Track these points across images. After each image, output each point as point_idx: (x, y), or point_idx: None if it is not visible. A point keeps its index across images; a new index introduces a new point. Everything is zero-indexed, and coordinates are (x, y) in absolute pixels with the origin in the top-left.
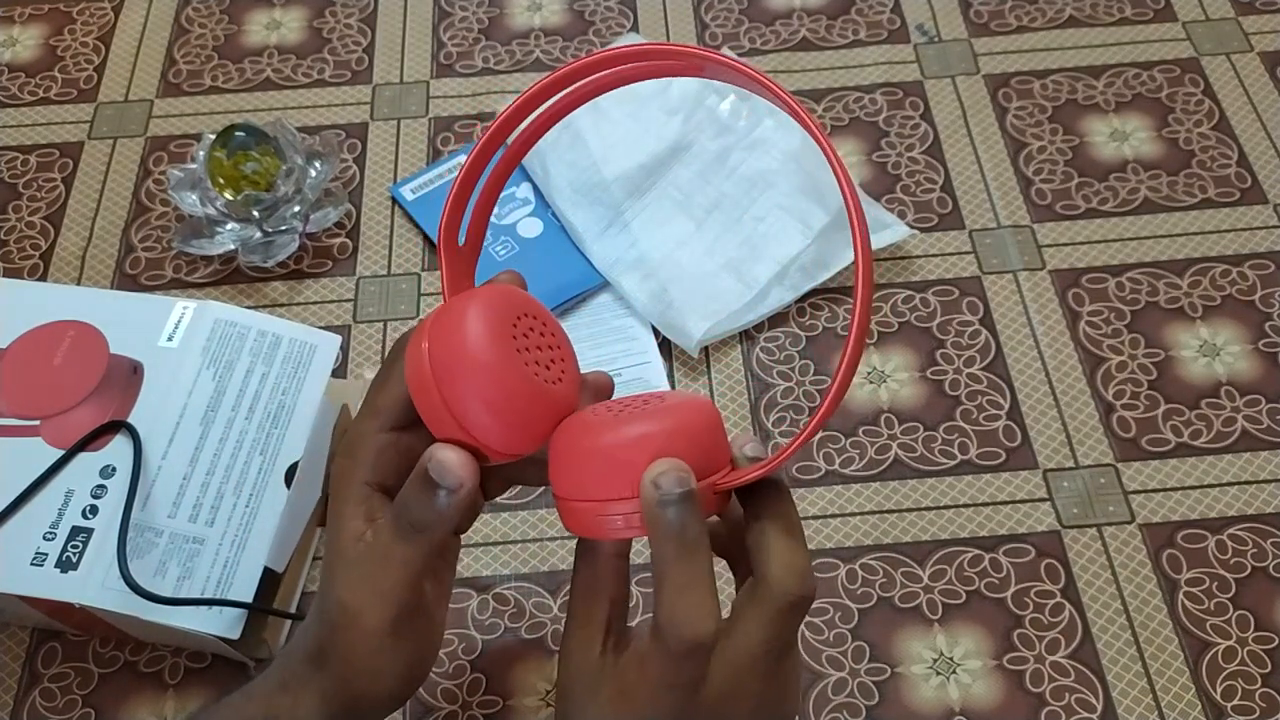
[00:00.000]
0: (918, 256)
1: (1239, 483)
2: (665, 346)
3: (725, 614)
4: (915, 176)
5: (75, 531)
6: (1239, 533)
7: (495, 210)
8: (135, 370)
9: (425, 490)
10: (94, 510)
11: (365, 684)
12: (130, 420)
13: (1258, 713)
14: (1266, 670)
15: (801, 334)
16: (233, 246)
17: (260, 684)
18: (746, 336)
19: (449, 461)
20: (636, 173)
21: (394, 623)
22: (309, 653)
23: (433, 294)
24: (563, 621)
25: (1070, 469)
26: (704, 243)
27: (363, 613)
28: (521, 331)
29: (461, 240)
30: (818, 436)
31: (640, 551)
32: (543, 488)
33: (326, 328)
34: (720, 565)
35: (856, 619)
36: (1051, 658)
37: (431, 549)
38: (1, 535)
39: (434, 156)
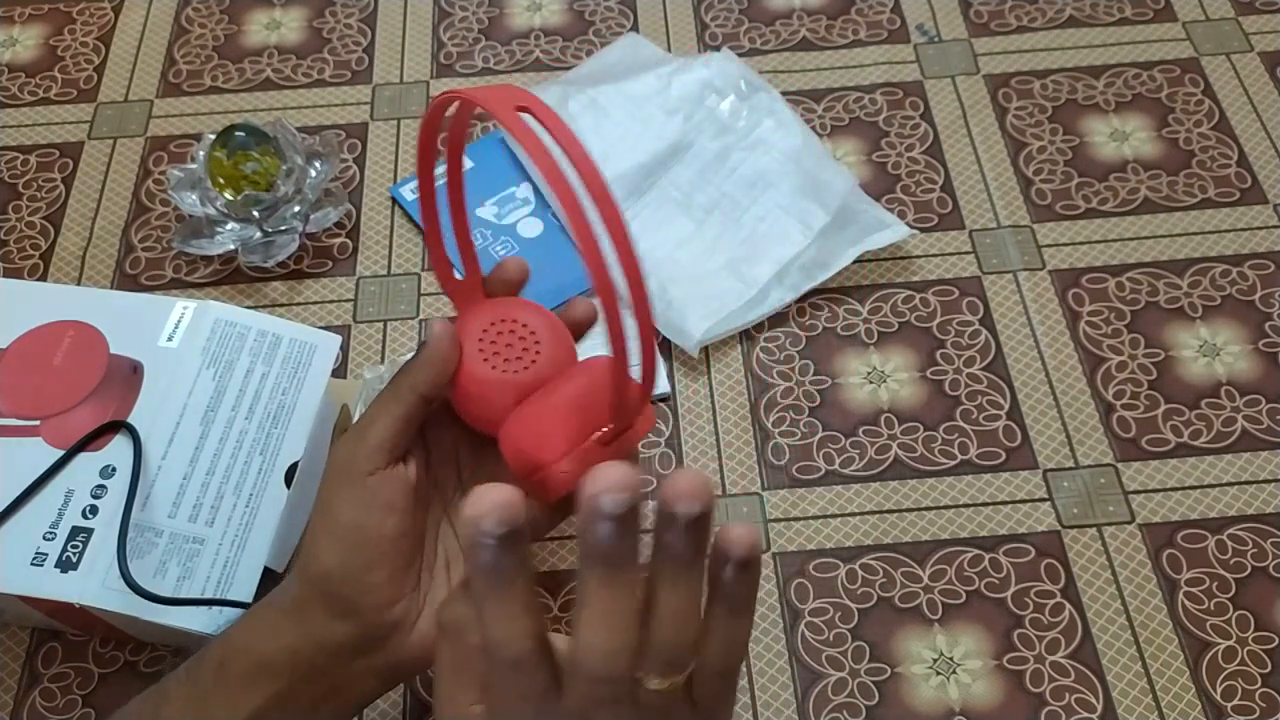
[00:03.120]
0: (917, 256)
1: (1239, 483)
2: (665, 346)
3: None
4: (915, 176)
5: (75, 531)
6: (1239, 533)
7: (496, 210)
8: (135, 370)
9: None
10: (94, 510)
11: (309, 553)
12: (130, 420)
13: (1258, 713)
14: (1266, 670)
15: (801, 334)
16: (233, 246)
17: (258, 618)
18: (746, 336)
19: (434, 325)
20: (636, 172)
21: (379, 456)
22: (303, 566)
23: (432, 293)
24: (563, 622)
25: (1070, 469)
26: (704, 242)
27: (346, 449)
28: (489, 339)
29: (460, 273)
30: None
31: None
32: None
33: (326, 328)
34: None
35: (856, 619)
36: (1051, 658)
37: (404, 399)
38: (1, 535)
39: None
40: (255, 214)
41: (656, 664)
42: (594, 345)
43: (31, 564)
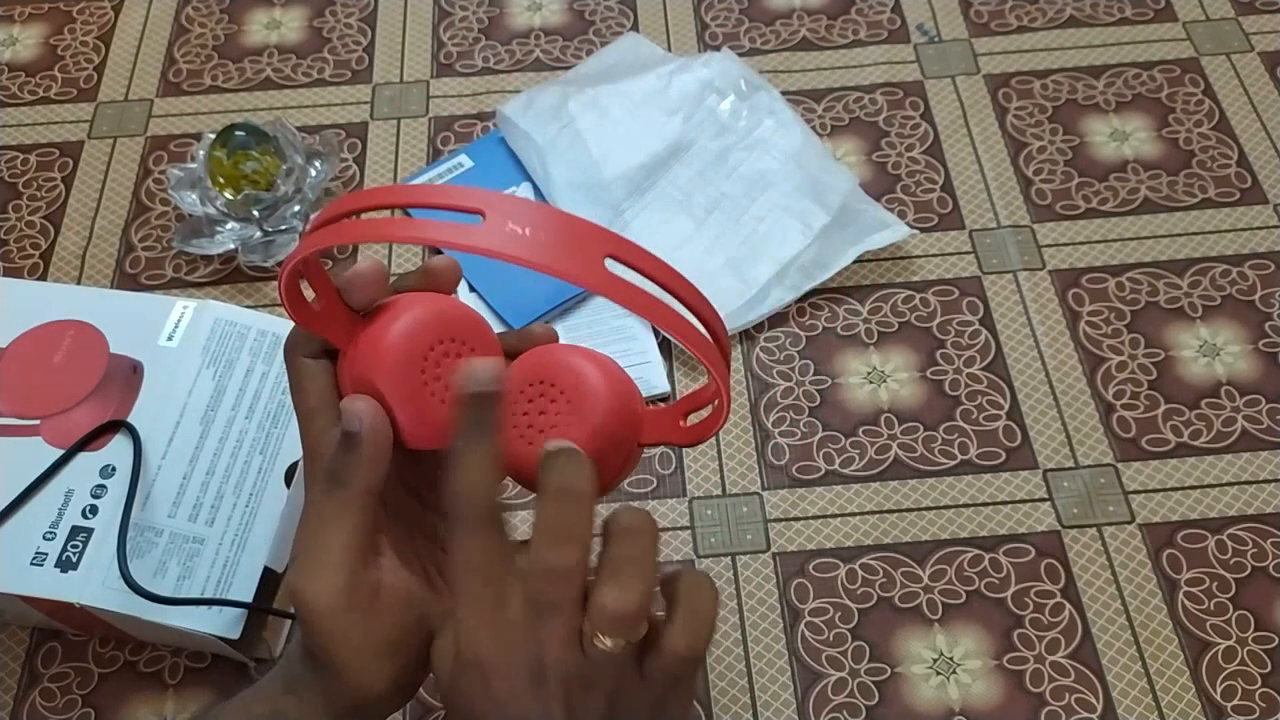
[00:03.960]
0: (918, 256)
1: (1239, 483)
2: (665, 346)
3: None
4: (915, 176)
5: (75, 531)
6: (1239, 533)
7: None
8: (135, 370)
9: (340, 441)
10: (94, 510)
11: (354, 677)
12: (130, 420)
13: (1258, 713)
14: (1266, 670)
15: (801, 334)
16: (233, 246)
17: (266, 685)
18: (746, 336)
19: (354, 407)
20: (637, 172)
21: (346, 596)
22: (306, 650)
23: None
24: None
25: (1070, 469)
26: (704, 242)
27: (311, 593)
28: (434, 360)
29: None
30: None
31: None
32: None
33: None
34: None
35: (856, 619)
36: (1051, 658)
37: (358, 506)
38: (1, 535)
39: (434, 156)
40: (255, 213)
41: (601, 620)
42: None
43: (31, 564)
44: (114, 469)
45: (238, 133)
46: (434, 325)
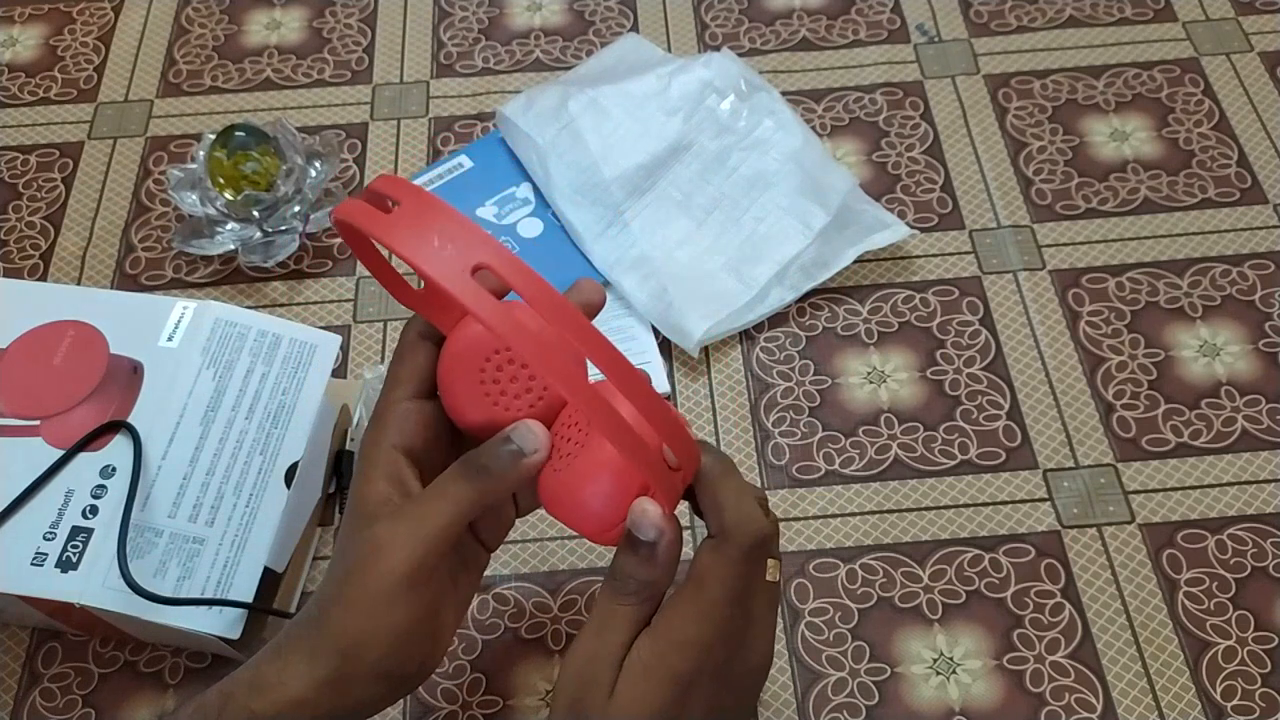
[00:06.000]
0: (918, 256)
1: (1239, 483)
2: (665, 346)
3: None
4: (915, 176)
5: (75, 531)
6: (1239, 532)
7: (496, 210)
8: (135, 370)
9: (501, 442)
10: (94, 510)
11: (355, 640)
12: (130, 420)
13: (1258, 712)
14: (1266, 670)
15: (801, 334)
16: (233, 246)
17: (260, 653)
18: (746, 336)
19: (531, 428)
20: (636, 173)
21: (418, 567)
22: (308, 614)
23: None
24: (562, 622)
25: (1070, 469)
26: (704, 243)
27: (392, 547)
28: (491, 375)
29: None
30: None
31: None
32: None
33: (326, 328)
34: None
35: (856, 619)
36: (1051, 657)
37: (483, 497)
38: (1, 535)
39: (434, 157)
40: (255, 214)
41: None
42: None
43: (32, 564)
44: (114, 469)
45: (238, 133)
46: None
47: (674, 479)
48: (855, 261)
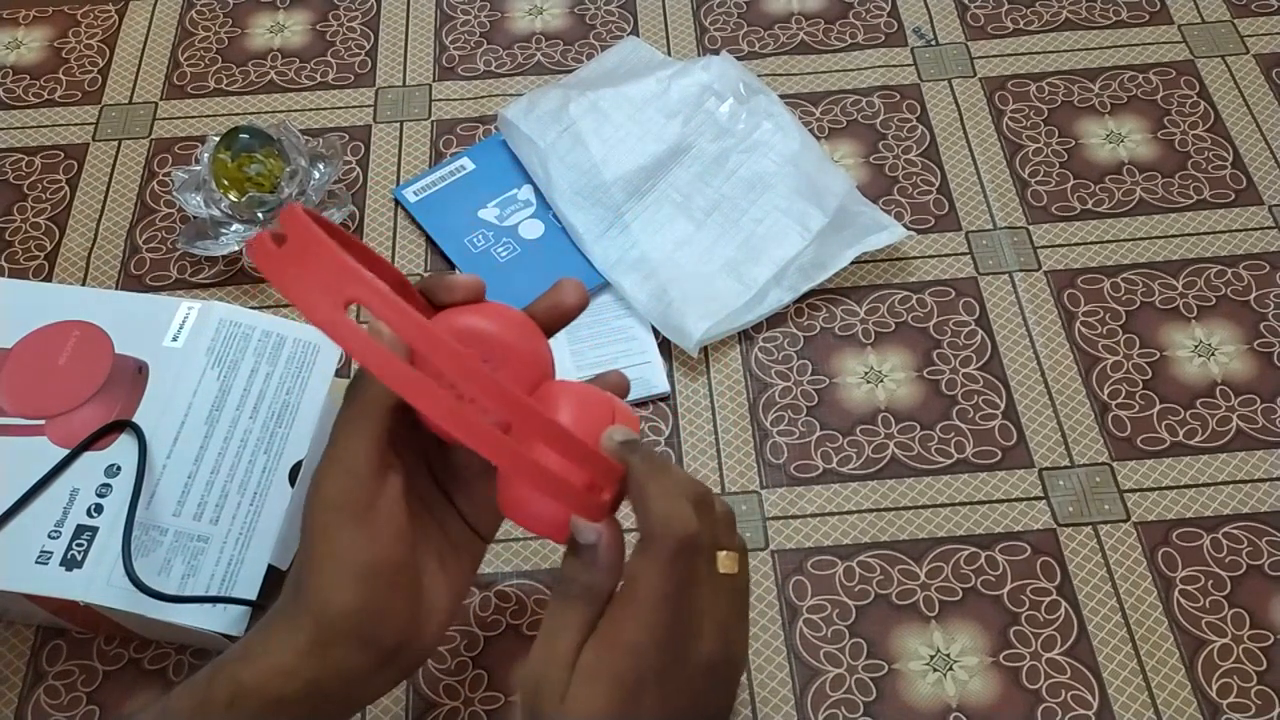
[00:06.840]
0: (914, 257)
1: (1234, 481)
2: (665, 346)
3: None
4: (912, 178)
5: (80, 530)
6: (1234, 531)
7: (497, 212)
8: (140, 370)
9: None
10: (99, 509)
11: (323, 596)
12: (135, 420)
13: (1253, 710)
14: (1262, 668)
15: (800, 334)
16: (237, 248)
17: (252, 628)
18: (745, 337)
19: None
20: (636, 175)
21: (344, 492)
22: (291, 582)
23: None
24: None
25: (1066, 468)
26: (703, 244)
27: (325, 476)
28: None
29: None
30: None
31: None
32: None
33: None
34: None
35: (854, 616)
36: (1047, 655)
37: (376, 414)
38: (7, 533)
39: (436, 159)
40: (259, 215)
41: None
42: (582, 348)
43: (37, 562)
44: (119, 468)
45: (242, 135)
46: (470, 337)
47: (592, 497)
48: (853, 263)
